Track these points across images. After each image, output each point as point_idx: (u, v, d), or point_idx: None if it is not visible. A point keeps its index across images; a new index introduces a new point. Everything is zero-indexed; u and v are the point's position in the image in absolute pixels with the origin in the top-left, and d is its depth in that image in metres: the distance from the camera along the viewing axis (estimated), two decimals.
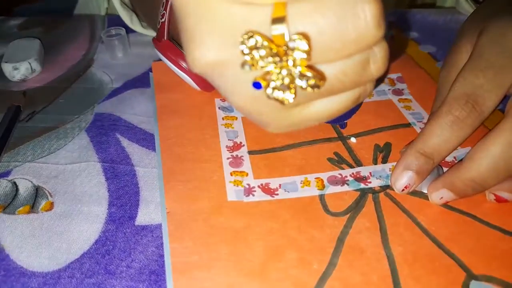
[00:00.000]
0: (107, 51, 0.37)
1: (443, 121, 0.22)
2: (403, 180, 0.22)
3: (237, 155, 0.25)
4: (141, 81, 0.34)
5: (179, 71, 0.28)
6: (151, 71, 0.33)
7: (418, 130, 0.27)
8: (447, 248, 0.20)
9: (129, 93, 0.32)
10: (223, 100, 0.29)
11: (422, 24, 0.41)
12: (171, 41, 0.28)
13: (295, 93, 0.15)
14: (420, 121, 0.28)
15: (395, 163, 0.24)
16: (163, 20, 0.28)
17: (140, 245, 0.21)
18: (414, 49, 0.37)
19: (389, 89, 0.31)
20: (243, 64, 0.15)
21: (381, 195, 0.23)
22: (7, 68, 0.34)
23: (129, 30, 0.39)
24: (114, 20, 0.42)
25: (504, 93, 0.22)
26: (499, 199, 0.22)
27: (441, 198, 0.22)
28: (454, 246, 0.20)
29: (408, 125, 0.27)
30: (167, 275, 0.19)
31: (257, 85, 0.15)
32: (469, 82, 0.22)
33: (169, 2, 0.27)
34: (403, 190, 0.23)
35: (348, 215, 0.22)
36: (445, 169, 0.24)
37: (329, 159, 0.25)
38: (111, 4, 0.44)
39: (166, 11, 0.28)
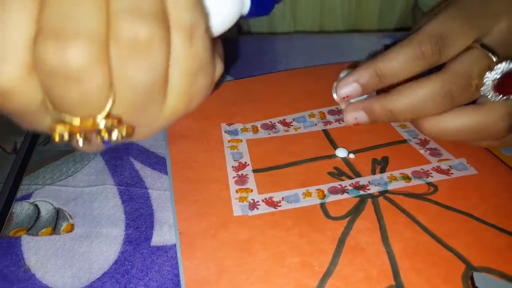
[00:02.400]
0: None
1: (410, 51, 0.24)
2: (348, 88, 0.25)
3: (242, 174, 0.27)
4: None
5: None
6: None
7: (414, 146, 0.28)
8: (446, 242, 0.21)
9: None
10: (229, 124, 0.31)
11: None
12: None
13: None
14: (415, 138, 0.29)
15: (393, 172, 0.26)
16: None
17: (156, 264, 0.23)
18: None
19: None
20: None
21: (380, 198, 0.24)
22: None
23: None
24: None
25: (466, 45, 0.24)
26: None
27: (356, 118, 0.25)
28: (452, 241, 0.21)
29: (404, 141, 0.29)
30: None
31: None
32: (446, 25, 0.24)
33: None
34: (343, 98, 0.26)
35: (348, 218, 0.23)
36: None
37: (329, 173, 0.27)
38: None
39: None
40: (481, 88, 0.23)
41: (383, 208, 0.24)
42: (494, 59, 0.23)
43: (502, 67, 0.22)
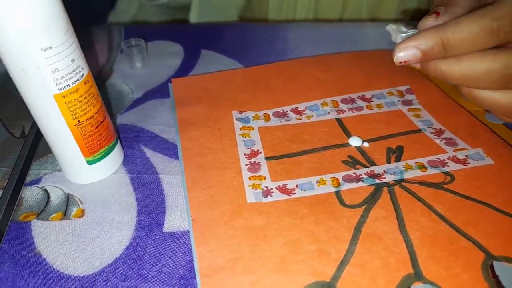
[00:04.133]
0: (126, 61, 0.39)
1: (485, 24, 0.21)
2: (407, 53, 0.23)
3: (254, 161, 0.26)
4: (160, 91, 0.35)
5: None
6: (170, 82, 0.35)
7: (429, 135, 0.28)
8: (464, 231, 0.21)
9: (150, 103, 0.34)
10: (240, 112, 0.30)
11: None
12: None
13: None
14: (430, 127, 0.29)
15: (409, 161, 0.26)
16: None
17: (168, 250, 0.23)
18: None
19: (398, 100, 0.32)
20: None
21: (396, 187, 0.24)
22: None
23: (148, 41, 0.41)
24: (133, 31, 0.44)
25: None
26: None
27: (405, 61, 0.23)
28: (471, 230, 0.21)
29: (419, 131, 0.28)
30: (197, 279, 0.20)
31: None
32: None
33: None
34: (400, 62, 0.23)
35: (364, 207, 0.23)
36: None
37: (344, 161, 0.26)
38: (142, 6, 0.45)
39: None
40: None
41: (399, 196, 0.23)
42: None
43: None
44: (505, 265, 0.19)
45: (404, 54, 0.23)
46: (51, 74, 0.21)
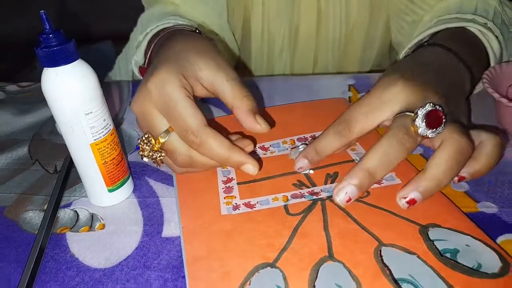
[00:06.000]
0: None
1: (333, 130, 0.35)
2: (300, 163, 0.36)
3: (229, 186, 0.36)
4: None
5: None
6: None
7: None
8: (367, 228, 0.30)
9: None
10: None
11: None
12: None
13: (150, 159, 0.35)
14: (360, 157, 0.39)
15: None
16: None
17: (165, 249, 0.32)
18: None
19: None
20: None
21: (327, 201, 0.33)
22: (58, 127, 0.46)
23: None
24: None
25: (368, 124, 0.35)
26: (410, 202, 0.31)
27: (346, 193, 0.31)
28: (372, 227, 0.30)
29: (352, 160, 0.38)
30: (184, 266, 0.30)
31: (137, 148, 0.35)
32: (352, 112, 0.35)
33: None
34: (299, 168, 0.36)
35: (302, 214, 0.32)
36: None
37: (294, 184, 0.36)
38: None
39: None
40: (419, 131, 0.31)
41: (328, 207, 0.33)
42: (412, 114, 0.32)
43: (421, 112, 0.31)
44: (390, 249, 0.29)
45: (298, 164, 0.36)
46: (89, 130, 0.32)
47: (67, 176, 0.41)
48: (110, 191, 0.36)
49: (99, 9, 1.61)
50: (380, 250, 0.28)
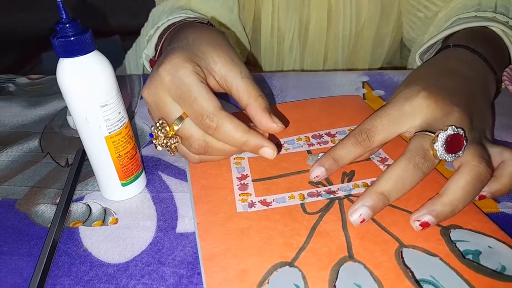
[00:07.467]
0: (145, 105, 0.49)
1: (351, 139, 0.33)
2: (316, 171, 0.34)
3: (244, 183, 0.36)
4: None
5: None
6: None
7: (376, 163, 0.37)
8: (387, 228, 0.30)
9: None
10: None
11: (389, 83, 0.52)
12: None
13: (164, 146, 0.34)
14: (378, 156, 0.38)
15: (357, 181, 0.34)
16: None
17: (180, 245, 0.31)
18: (379, 106, 0.48)
19: None
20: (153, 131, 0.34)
21: (345, 200, 0.33)
22: (71, 120, 0.46)
23: None
24: None
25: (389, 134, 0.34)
26: (423, 225, 0.29)
27: (360, 215, 0.30)
28: (392, 228, 0.29)
29: (368, 159, 0.38)
30: (200, 263, 0.29)
31: (151, 136, 0.34)
32: (373, 122, 0.34)
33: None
34: (315, 177, 0.34)
35: (320, 213, 0.31)
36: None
37: (310, 182, 0.35)
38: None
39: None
40: (437, 155, 0.30)
41: (346, 206, 0.32)
42: (433, 135, 0.31)
43: (441, 136, 0.30)
44: (411, 250, 0.28)
45: (314, 172, 0.34)
46: (104, 122, 0.31)
47: (79, 169, 0.40)
48: (123, 185, 0.35)
49: (109, 5, 1.61)
50: (401, 252, 0.28)
